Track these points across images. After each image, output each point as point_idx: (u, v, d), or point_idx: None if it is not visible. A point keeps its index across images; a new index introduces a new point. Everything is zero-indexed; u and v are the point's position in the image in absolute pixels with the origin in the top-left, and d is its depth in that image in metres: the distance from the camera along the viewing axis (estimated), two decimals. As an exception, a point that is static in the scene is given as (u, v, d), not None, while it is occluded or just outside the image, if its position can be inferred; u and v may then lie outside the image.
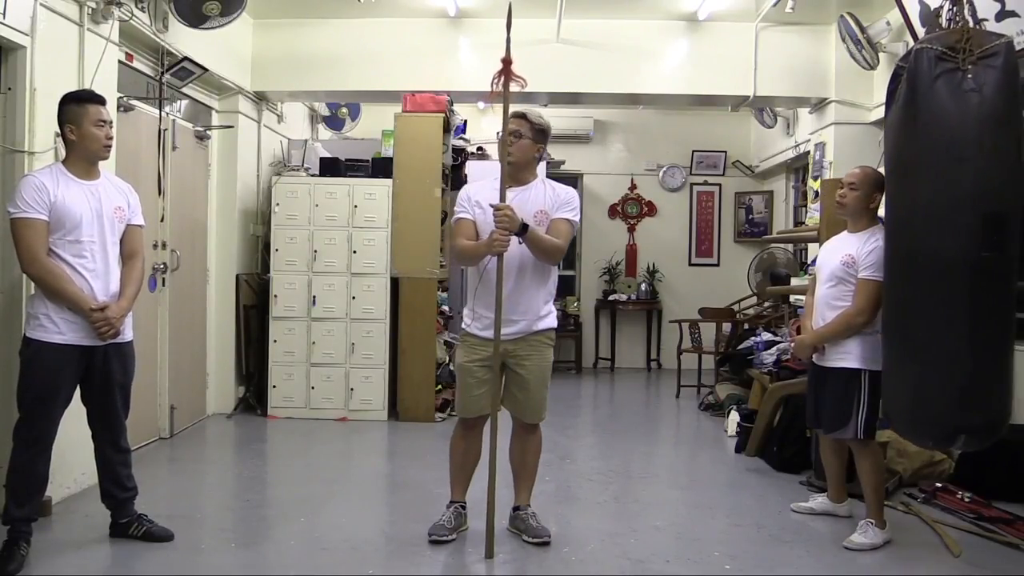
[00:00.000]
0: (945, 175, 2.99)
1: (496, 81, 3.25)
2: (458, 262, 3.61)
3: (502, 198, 3.22)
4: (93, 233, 3.18)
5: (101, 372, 3.24)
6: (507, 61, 3.22)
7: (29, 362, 3.13)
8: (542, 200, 3.36)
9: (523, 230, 3.18)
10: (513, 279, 3.28)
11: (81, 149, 3.19)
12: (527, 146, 3.35)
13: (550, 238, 3.29)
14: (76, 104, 3.20)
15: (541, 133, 3.39)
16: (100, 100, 3.26)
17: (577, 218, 3.40)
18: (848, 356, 3.57)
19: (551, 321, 3.44)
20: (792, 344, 4.30)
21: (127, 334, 3.33)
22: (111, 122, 3.28)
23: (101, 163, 3.31)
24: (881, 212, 3.78)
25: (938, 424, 3.12)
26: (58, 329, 3.11)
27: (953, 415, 3.05)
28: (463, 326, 3.50)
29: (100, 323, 3.13)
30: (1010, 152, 2.97)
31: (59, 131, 3.29)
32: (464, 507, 3.56)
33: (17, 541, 3.10)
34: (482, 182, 3.51)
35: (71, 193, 3.14)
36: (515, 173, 3.35)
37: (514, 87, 3.25)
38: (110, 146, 3.25)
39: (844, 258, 3.61)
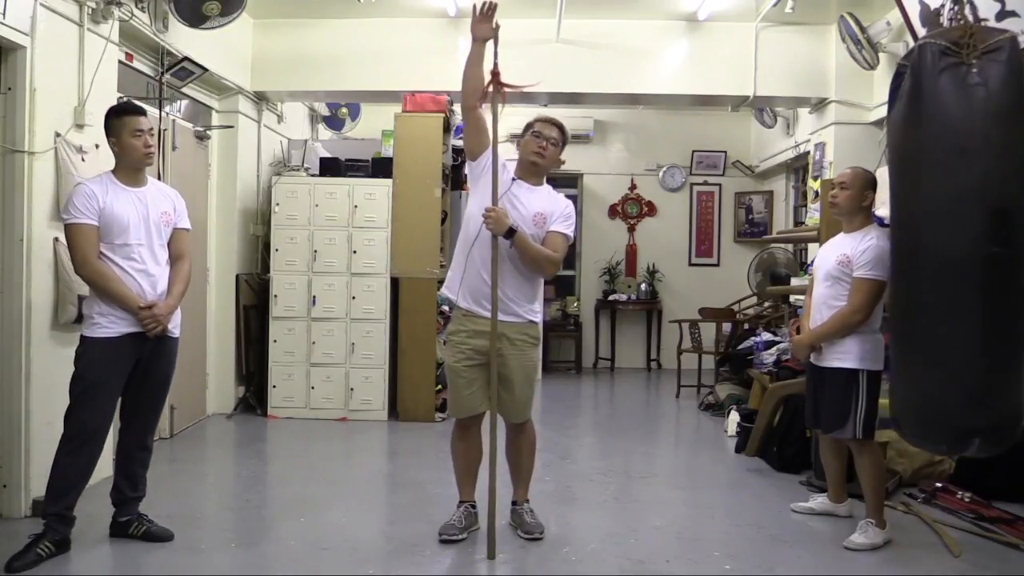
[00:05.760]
0: (951, 170, 2.95)
1: (489, 91, 3.35)
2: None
3: (494, 199, 3.30)
4: (140, 237, 3.30)
5: (146, 364, 3.35)
6: (495, 72, 3.34)
7: (82, 355, 3.25)
8: (545, 204, 3.46)
9: (510, 234, 3.27)
10: (499, 262, 3.31)
11: (124, 159, 3.33)
12: (556, 155, 3.52)
13: (542, 249, 3.37)
14: (115, 117, 3.33)
15: (564, 147, 3.59)
16: (138, 111, 3.37)
17: (572, 233, 3.51)
18: (846, 356, 3.57)
19: (536, 317, 3.49)
20: (791, 344, 4.30)
21: (175, 330, 3.44)
22: (151, 130, 3.37)
23: (148, 171, 3.45)
24: (880, 212, 3.78)
25: (950, 428, 3.02)
26: (111, 323, 3.23)
27: (965, 417, 2.95)
28: (453, 309, 3.52)
29: (148, 320, 3.25)
30: (1017, 146, 2.92)
31: (107, 143, 3.37)
32: (474, 506, 3.58)
33: (40, 541, 3.13)
34: (507, 172, 3.49)
35: (119, 200, 3.28)
36: (535, 173, 3.50)
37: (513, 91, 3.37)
38: (151, 153, 3.36)
39: (839, 258, 3.61)
